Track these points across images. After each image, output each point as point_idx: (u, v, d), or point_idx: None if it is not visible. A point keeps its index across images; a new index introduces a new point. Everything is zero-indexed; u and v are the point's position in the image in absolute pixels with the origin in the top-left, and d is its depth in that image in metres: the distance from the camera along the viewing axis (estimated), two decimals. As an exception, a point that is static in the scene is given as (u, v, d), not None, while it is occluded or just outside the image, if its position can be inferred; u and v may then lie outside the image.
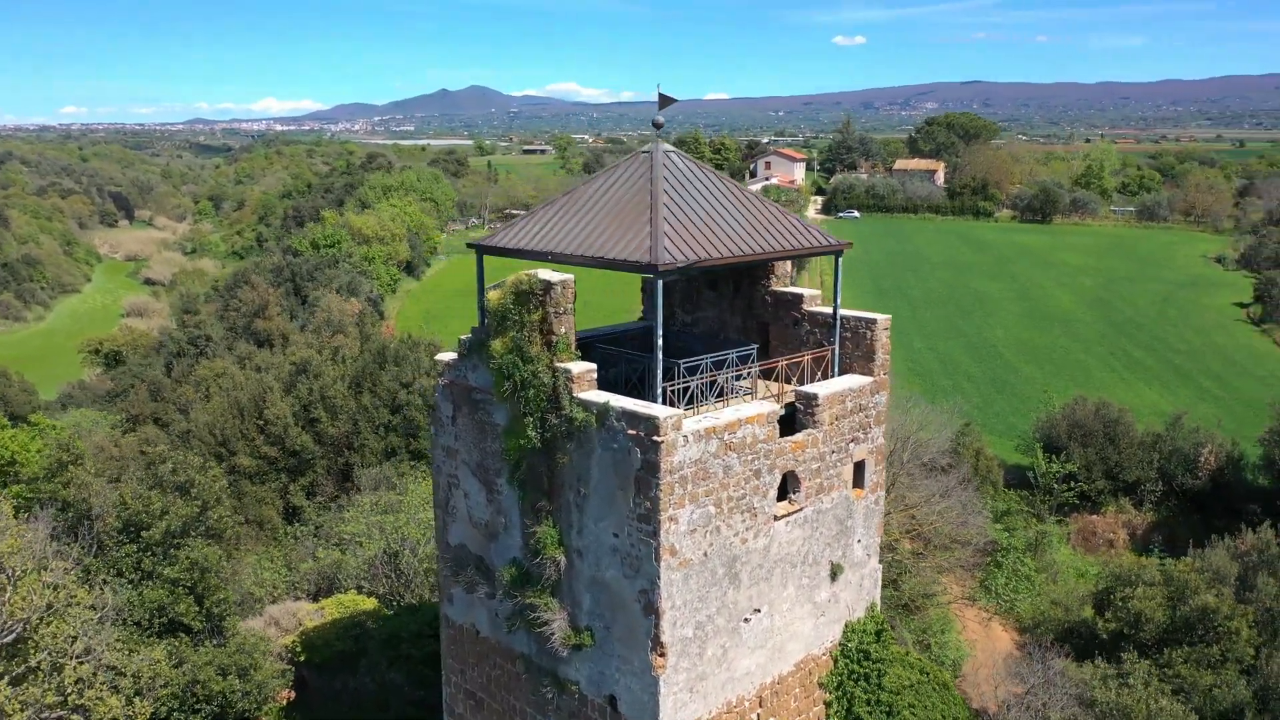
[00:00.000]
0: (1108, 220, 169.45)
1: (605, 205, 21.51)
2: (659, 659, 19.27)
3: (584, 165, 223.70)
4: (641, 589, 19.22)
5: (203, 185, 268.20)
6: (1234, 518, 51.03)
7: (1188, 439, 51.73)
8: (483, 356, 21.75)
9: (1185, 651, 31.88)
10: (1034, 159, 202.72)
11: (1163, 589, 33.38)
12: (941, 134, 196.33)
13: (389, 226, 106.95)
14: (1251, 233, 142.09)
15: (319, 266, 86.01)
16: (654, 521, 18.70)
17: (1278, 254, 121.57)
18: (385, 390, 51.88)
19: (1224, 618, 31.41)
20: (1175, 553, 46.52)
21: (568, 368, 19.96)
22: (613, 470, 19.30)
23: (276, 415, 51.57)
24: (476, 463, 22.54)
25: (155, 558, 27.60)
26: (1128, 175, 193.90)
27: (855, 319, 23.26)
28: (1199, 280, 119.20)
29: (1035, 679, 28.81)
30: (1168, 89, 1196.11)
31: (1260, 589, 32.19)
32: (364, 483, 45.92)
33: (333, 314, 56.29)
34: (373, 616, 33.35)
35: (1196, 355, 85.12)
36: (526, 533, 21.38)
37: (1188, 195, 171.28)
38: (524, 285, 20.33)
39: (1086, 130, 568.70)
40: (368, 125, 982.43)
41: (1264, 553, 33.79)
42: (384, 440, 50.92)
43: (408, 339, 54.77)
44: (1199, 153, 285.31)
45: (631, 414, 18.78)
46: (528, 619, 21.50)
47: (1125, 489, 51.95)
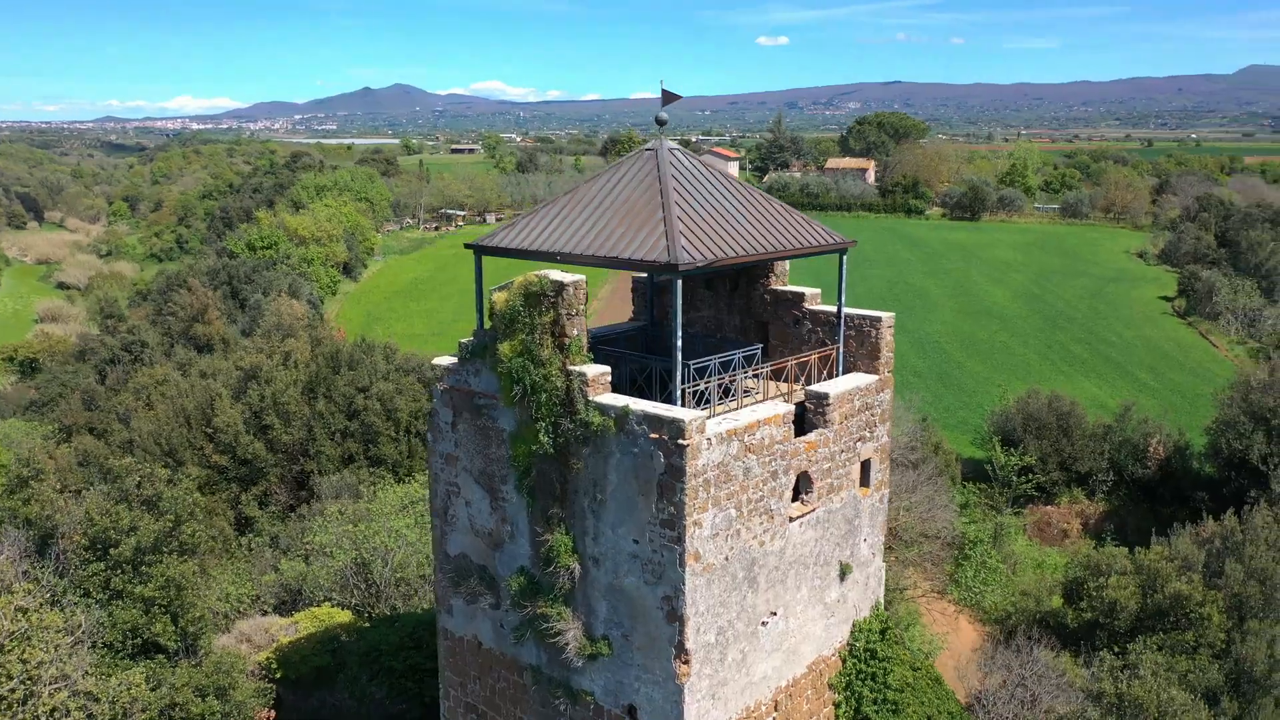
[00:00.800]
0: (1033, 217, 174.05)
1: (613, 204, 21.04)
2: (683, 666, 18.89)
3: (517, 164, 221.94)
4: (664, 595, 18.82)
5: (116, 186, 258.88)
6: (1182, 505, 52.64)
7: (1137, 430, 53.17)
8: (486, 360, 21.12)
9: (1159, 638, 32.68)
10: (960, 158, 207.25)
11: (1134, 578, 34.13)
12: (872, 133, 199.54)
13: (325, 227, 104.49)
14: (1169, 229, 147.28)
15: (256, 269, 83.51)
16: (678, 527, 18.32)
17: (1195, 249, 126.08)
18: (340, 396, 50.48)
19: (1196, 604, 32.21)
20: (1126, 541, 47.67)
21: (582, 371, 19.45)
22: (633, 475, 18.86)
23: (226, 423, 49.80)
24: (479, 470, 21.88)
25: (125, 576, 26.24)
26: (1050, 174, 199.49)
27: (859, 317, 23.18)
28: (1124, 275, 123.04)
29: (1025, 670, 29.18)
30: (1079, 90, 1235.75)
31: (1228, 575, 33.09)
32: (324, 491, 44.57)
33: (283, 318, 54.64)
34: (349, 629, 32.32)
35: (1129, 348, 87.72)
36: (537, 541, 20.81)
37: (1108, 193, 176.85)
38: (534, 286, 19.76)
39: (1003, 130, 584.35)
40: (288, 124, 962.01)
41: (1229, 539, 34.77)
42: (341, 447, 49.53)
43: (361, 342, 53.42)
44: (1111, 151, 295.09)
45: (654, 417, 18.36)
46: (538, 629, 20.94)
47: (1078, 480, 53.18)
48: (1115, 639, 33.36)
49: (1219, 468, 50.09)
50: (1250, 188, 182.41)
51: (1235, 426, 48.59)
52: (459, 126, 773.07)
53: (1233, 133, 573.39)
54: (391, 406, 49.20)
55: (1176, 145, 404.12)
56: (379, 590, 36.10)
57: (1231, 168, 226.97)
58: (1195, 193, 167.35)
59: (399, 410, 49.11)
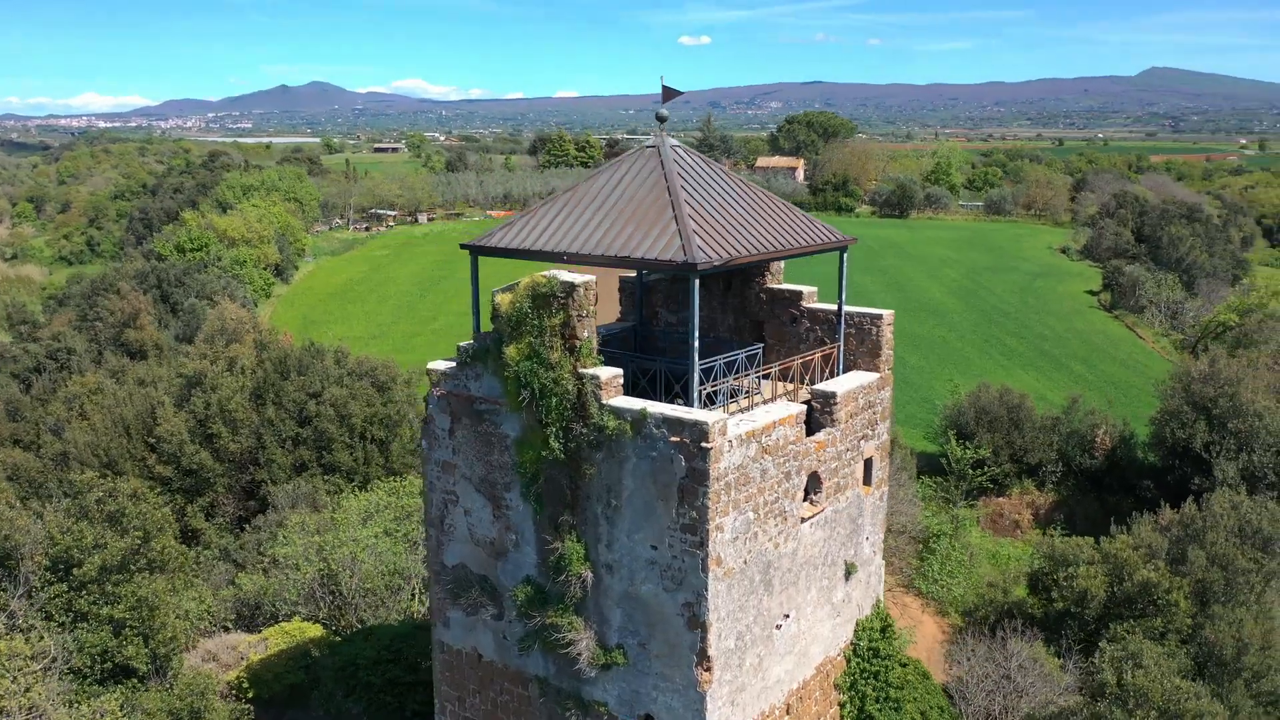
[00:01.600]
0: (959, 215, 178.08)
1: (617, 203, 20.58)
2: (705, 674, 18.54)
3: (446, 164, 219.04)
4: (685, 602, 18.43)
5: (20, 186, 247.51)
6: (1127, 494, 54.15)
7: (1084, 421, 54.48)
8: (488, 364, 20.47)
9: (1129, 625, 33.42)
10: (886, 156, 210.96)
11: (1102, 567, 34.83)
12: (801, 132, 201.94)
13: (256, 228, 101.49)
14: (1089, 225, 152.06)
15: (188, 271, 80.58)
16: (701, 531, 17.95)
17: (1116, 245, 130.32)
18: (291, 402, 48.92)
19: (1163, 591, 32.99)
20: (1076, 530, 48.86)
21: (595, 373, 18.94)
22: (651, 480, 18.43)
23: (170, 432, 47.87)
24: (480, 477, 21.20)
25: (90, 597, 24.83)
26: (973, 172, 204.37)
27: (860, 315, 23.10)
28: (1050, 270, 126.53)
29: (1009, 663, 29.52)
30: (992, 90, 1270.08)
31: (1192, 561, 33.98)
32: (279, 500, 43.10)
33: (226, 322, 52.71)
34: (321, 644, 31.22)
35: (1062, 341, 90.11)
36: (545, 549, 20.23)
37: (1029, 191, 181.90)
38: (544, 287, 19.18)
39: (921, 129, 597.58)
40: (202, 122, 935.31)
41: (1190, 526, 35.72)
42: (292, 454, 47.99)
43: (311, 347, 51.83)
44: (1026, 150, 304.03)
45: (675, 420, 17.95)
46: (546, 640, 20.38)
47: (1028, 471, 54.27)
48: (1085, 627, 34.08)
49: (1163, 457, 51.56)
50: (1160, 185, 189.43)
51: (1179, 416, 50.07)
52: (380, 125, 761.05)
53: (1137, 132, 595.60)
54: (345, 412, 47.84)
55: (1086, 144, 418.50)
56: (346, 603, 34.98)
57: (1139, 166, 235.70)
58: (1111, 190, 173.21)
59: (353, 416, 47.78)
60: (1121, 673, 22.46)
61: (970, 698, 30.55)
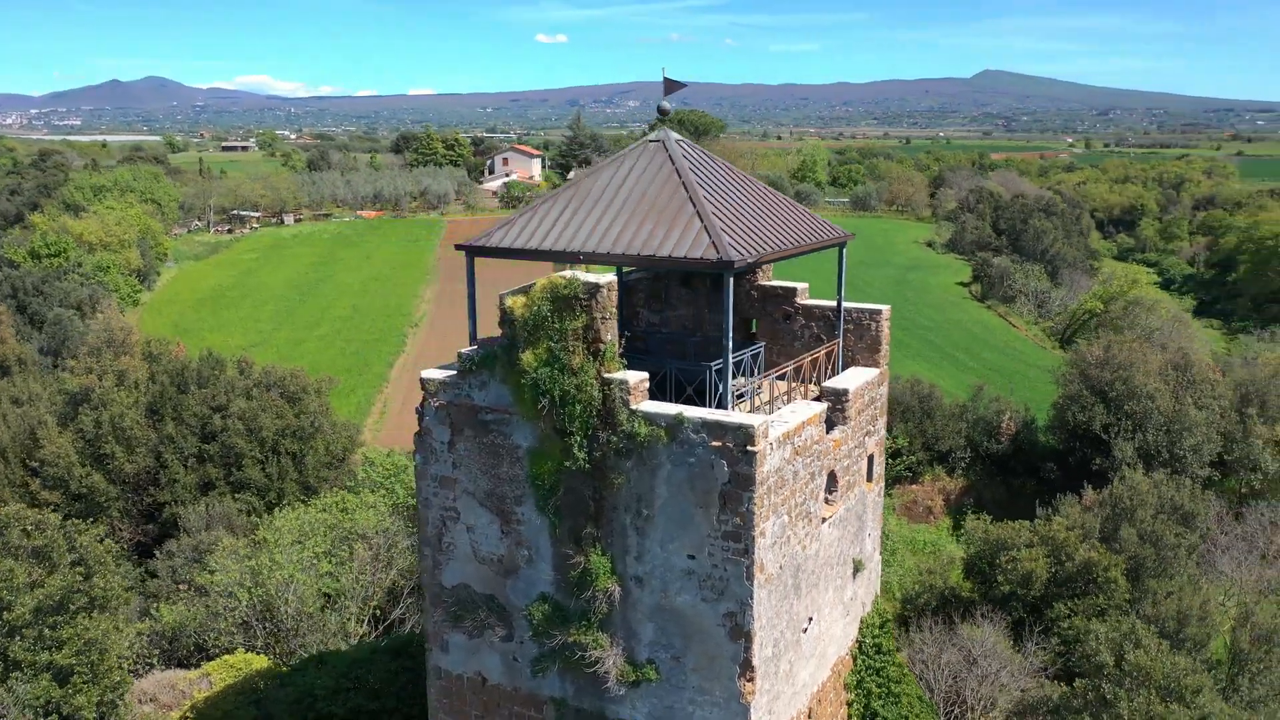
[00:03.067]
0: (826, 211, 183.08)
1: (628, 200, 19.76)
2: (748, 685, 17.98)
3: (308, 163, 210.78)
4: (727, 612, 17.82)
5: None
6: (1031, 476, 56.68)
7: (989, 408, 56.63)
8: (495, 371, 19.32)
9: (1071, 604, 34.72)
10: (754, 155, 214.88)
11: (1042, 549, 36.04)
12: (672, 129, 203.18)
13: (116, 231, 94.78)
14: (949, 220, 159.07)
15: (46, 279, 74.45)
16: (745, 538, 17.37)
17: (979, 238, 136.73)
18: (193, 416, 45.69)
19: (1102, 569, 34.41)
20: (985, 513, 50.76)
21: (623, 378, 18.10)
22: (688, 487, 17.72)
23: (55, 454, 43.98)
24: (486, 491, 20.00)
25: (25, 643, 22.24)
26: (836, 169, 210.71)
27: (859, 311, 22.99)
28: (920, 264, 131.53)
29: (974, 648, 30.11)
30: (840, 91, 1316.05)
31: (1124, 539, 35.59)
32: (192, 523, 40.13)
33: (114, 333, 48.72)
34: (269, 676, 29.08)
35: (942, 330, 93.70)
36: (564, 564, 19.23)
37: (891, 187, 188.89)
38: (564, 289, 18.19)
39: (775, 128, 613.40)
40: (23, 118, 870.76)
41: (1118, 505, 37.41)
42: (197, 473, 44.85)
43: (209, 357, 48.50)
44: (878, 149, 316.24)
45: (716, 424, 17.31)
46: (568, 659, 19.39)
47: (939, 458, 56.04)
48: (1030, 608, 35.21)
49: (1064, 439, 54.12)
50: (1010, 181, 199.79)
51: (1078, 400, 52.63)
52: (224, 123, 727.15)
53: (974, 131, 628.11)
54: (255, 426, 45.00)
55: (931, 142, 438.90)
56: (285, 629, 32.80)
57: (981, 163, 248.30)
58: (967, 186, 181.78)
59: (264, 430, 45.01)
60: (1120, 653, 23.11)
61: (934, 684, 31.04)
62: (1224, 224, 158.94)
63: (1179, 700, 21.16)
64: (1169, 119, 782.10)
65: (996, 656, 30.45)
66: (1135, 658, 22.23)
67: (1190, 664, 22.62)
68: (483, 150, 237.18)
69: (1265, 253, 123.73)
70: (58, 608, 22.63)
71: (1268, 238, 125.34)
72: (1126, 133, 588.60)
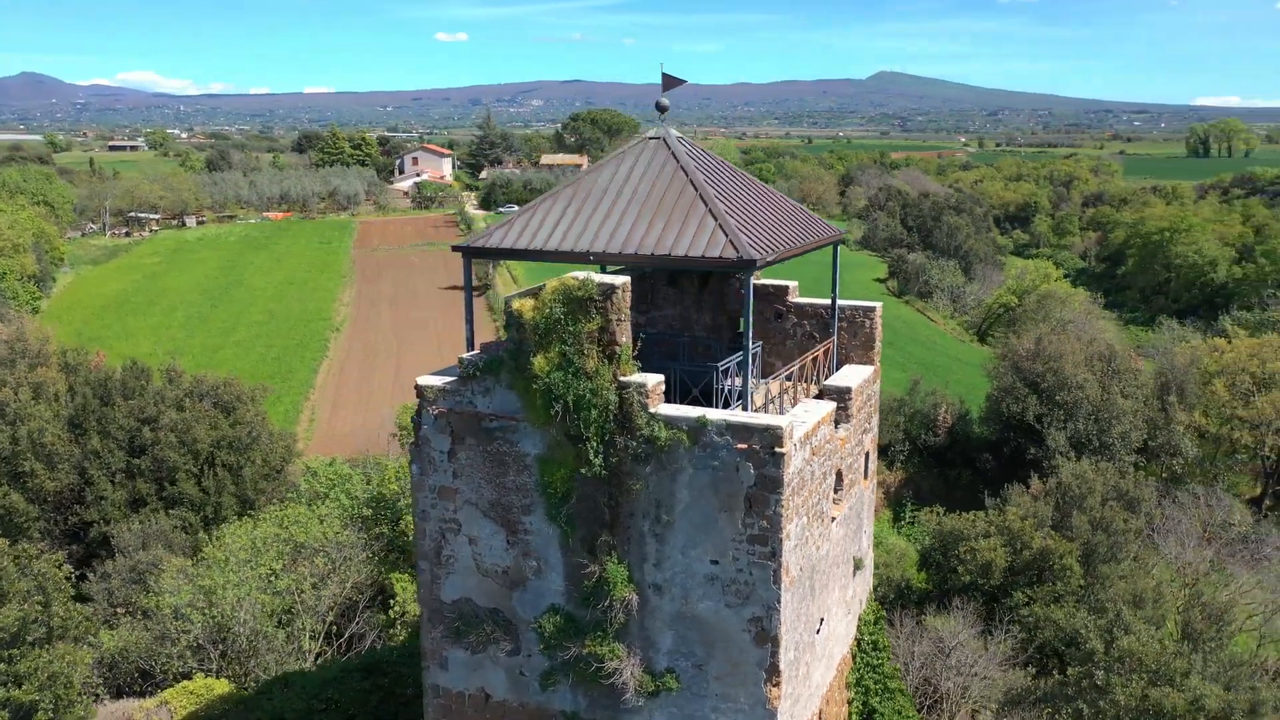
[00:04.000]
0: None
1: (634, 197, 19.29)
2: (774, 690, 17.72)
3: (207, 162, 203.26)
4: (753, 617, 17.52)
5: None
6: (966, 467, 58.04)
7: (925, 401, 57.78)
8: (501, 377, 18.63)
9: (1028, 592, 35.55)
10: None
11: (999, 538, 36.82)
12: (586, 129, 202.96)
13: (9, 235, 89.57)
14: (861, 217, 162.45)
15: (-62, 287, 69.92)
16: (773, 541, 17.11)
17: (891, 235, 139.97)
18: (120, 429, 43.35)
19: (1058, 557, 35.33)
20: (924, 504, 51.86)
21: (642, 381, 17.63)
22: (711, 491, 17.37)
23: (-32, 474, 41.18)
24: (490, 501, 19.29)
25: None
26: (747, 169, 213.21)
27: (852, 308, 22.99)
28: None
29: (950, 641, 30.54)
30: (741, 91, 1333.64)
31: (1076, 527, 36.61)
32: (127, 542, 38.02)
33: (29, 343, 45.75)
34: (234, 702, 27.70)
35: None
36: (577, 574, 18.67)
37: (801, 185, 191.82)
38: (578, 291, 17.60)
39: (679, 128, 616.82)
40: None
41: (1068, 493, 38.47)
42: (127, 489, 42.56)
43: (134, 366, 46.04)
44: (783, 148, 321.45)
45: (741, 426, 16.99)
46: (582, 671, 18.83)
47: (880, 452, 56.84)
48: (991, 596, 35.96)
49: (998, 430, 55.56)
50: (915, 179, 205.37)
51: (1013, 392, 54.10)
52: (108, 121, 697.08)
53: (872, 131, 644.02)
54: (189, 438, 42.93)
55: (832, 142, 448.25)
56: (242, 651, 31.29)
57: (883, 162, 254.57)
58: (876, 185, 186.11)
59: (198, 442, 42.97)
60: (1111, 639, 23.63)
61: (906, 677, 31.37)
62: (1112, 220, 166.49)
63: (1169, 683, 21.77)
64: (1053, 119, 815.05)
65: (967, 647, 30.94)
66: (1126, 643, 22.77)
67: (1177, 647, 23.29)
68: (390, 150, 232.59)
69: (1152, 247, 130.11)
70: (13, 640, 21.00)
71: (1153, 233, 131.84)
72: (1015, 132, 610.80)
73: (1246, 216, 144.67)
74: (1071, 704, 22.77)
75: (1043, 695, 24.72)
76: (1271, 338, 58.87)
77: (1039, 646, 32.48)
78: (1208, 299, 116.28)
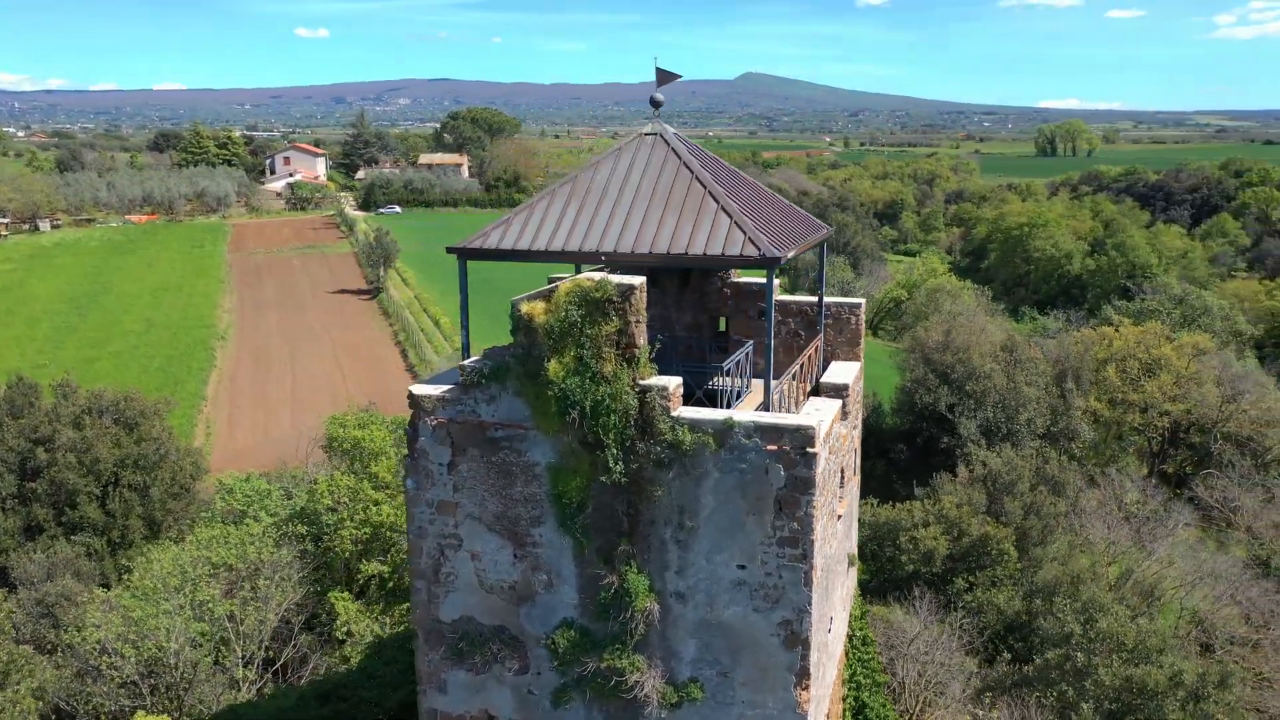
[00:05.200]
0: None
1: (637, 195, 18.73)
2: (804, 693, 17.47)
3: (58, 163, 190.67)
4: (783, 620, 17.23)
5: None
6: (881, 457, 59.37)
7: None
8: (508, 384, 17.79)
9: (969, 578, 36.58)
10: (549, 153, 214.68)
11: (937, 526, 37.75)
12: (467, 128, 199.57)
13: None
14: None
15: None
16: (804, 543, 16.85)
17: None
18: (9, 451, 39.96)
19: (996, 542, 36.46)
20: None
21: (663, 384, 17.09)
22: (739, 494, 16.98)
23: None
24: (495, 514, 18.40)
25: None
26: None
27: (838, 305, 22.96)
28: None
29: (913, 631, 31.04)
30: (612, 90, 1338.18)
31: (1010, 512, 37.87)
32: (30, 574, 35.02)
33: (-101, 360, 41.54)
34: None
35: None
36: (593, 585, 17.98)
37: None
38: (595, 292, 16.94)
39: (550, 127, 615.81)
40: None
41: (997, 481, 39.75)
42: (19, 515, 39.28)
43: (20, 383, 42.46)
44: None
45: (771, 427, 16.66)
46: (600, 686, 18.16)
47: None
48: (931, 584, 36.81)
49: (911, 420, 57.07)
50: (791, 178, 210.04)
51: (924, 383, 55.65)
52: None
53: (740, 131, 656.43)
54: (89, 458, 39.89)
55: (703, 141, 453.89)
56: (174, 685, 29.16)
57: (755, 161, 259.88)
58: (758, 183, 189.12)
59: (101, 462, 39.98)
60: (1089, 621, 24.35)
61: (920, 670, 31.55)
62: (974, 216, 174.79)
63: (1146, 661, 22.61)
64: (911, 120, 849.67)
65: (922, 637, 31.52)
66: (1105, 624, 23.52)
67: (1153, 627, 24.22)
68: (257, 149, 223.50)
69: (1012, 242, 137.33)
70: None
71: (1013, 228, 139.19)
72: (877, 132, 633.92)
73: (1096, 212, 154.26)
74: (1054, 687, 23.39)
75: (1021, 680, 25.34)
76: (1154, 325, 62.46)
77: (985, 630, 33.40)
78: (1064, 290, 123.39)
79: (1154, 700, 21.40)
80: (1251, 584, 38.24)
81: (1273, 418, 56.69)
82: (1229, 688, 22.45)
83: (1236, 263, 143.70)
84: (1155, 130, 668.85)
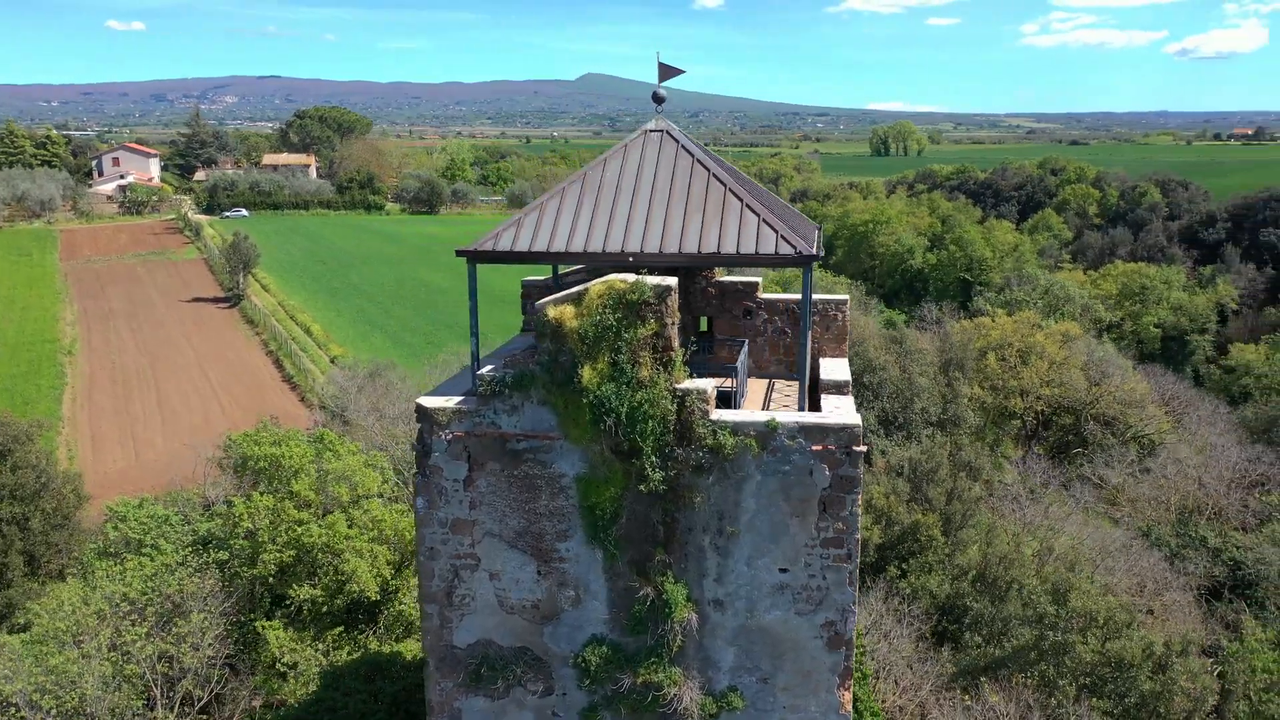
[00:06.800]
0: (483, 209, 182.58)
1: (654, 194, 18.15)
2: (845, 694, 17.35)
3: None
4: (826, 621, 17.06)
5: None
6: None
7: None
8: (532, 392, 16.93)
9: (900, 565, 37.58)
10: (400, 154, 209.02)
11: (868, 516, 38.59)
12: (314, 128, 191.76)
13: None
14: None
15: None
16: (849, 543, 16.73)
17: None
18: None
19: (925, 529, 37.59)
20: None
21: (701, 388, 16.62)
22: (781, 497, 16.69)
23: None
24: (517, 530, 17.48)
25: None
26: (487, 169, 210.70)
27: (824, 302, 22.93)
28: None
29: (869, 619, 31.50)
30: (452, 90, 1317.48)
31: (934, 499, 39.11)
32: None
33: None
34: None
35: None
36: (625, 599, 17.33)
37: (545, 185, 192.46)
38: (631, 294, 16.30)
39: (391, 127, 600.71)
40: None
41: (920, 467, 40.97)
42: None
43: None
44: (506, 148, 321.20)
45: (816, 428, 16.45)
46: (635, 703, 17.53)
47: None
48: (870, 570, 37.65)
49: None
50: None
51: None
52: None
53: (585, 131, 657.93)
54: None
55: (550, 141, 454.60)
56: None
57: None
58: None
59: None
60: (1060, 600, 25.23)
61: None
62: (820, 213, 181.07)
63: (1118, 636, 23.68)
64: (749, 121, 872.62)
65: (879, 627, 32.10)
66: (1080, 602, 24.47)
67: (1123, 601, 25.37)
68: (78, 149, 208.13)
69: (858, 238, 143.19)
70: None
71: (859, 225, 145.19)
72: (718, 132, 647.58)
73: (933, 209, 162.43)
74: (1034, 667, 24.20)
75: (996, 661, 26.11)
76: (1026, 314, 66.04)
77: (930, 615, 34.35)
78: (908, 284, 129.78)
79: (1127, 672, 22.54)
80: (1141, 555, 40.88)
81: (1134, 399, 60.89)
82: (1189, 655, 23.87)
83: (1062, 255, 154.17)
84: (973, 131, 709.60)
